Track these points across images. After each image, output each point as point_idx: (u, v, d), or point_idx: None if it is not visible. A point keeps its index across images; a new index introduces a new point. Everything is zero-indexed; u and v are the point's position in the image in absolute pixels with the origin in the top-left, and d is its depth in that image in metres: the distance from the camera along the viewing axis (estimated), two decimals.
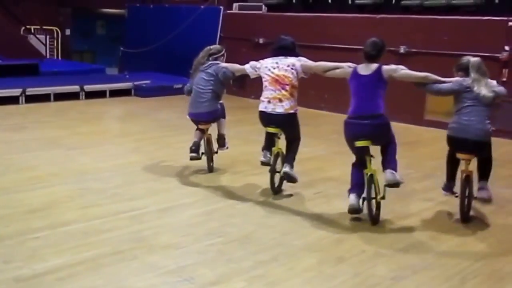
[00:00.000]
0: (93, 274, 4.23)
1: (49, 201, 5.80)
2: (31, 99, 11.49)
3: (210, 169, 7.12)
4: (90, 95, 12.40)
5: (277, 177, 6.35)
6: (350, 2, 12.62)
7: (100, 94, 12.50)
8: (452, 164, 5.83)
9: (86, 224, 5.22)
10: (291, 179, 6.26)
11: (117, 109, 11.91)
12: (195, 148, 6.89)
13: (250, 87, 13.20)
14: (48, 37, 17.38)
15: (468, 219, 5.67)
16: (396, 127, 6.80)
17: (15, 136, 8.60)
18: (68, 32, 18.33)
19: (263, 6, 13.90)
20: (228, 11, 14.22)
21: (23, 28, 16.83)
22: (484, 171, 5.68)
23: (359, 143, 5.66)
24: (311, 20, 12.58)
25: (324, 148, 8.73)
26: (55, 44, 17.72)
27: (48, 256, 4.51)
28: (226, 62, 7.70)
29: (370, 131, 5.66)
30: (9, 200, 5.77)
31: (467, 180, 5.57)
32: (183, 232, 5.14)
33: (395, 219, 5.75)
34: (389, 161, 5.66)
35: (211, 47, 7.43)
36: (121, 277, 4.22)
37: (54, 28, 17.49)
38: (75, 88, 12.30)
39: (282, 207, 5.96)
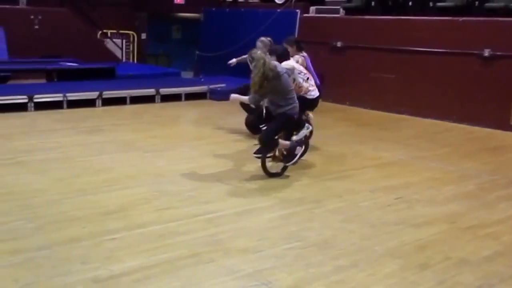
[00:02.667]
0: (170, 277, 4.16)
1: (125, 203, 5.79)
2: (107, 102, 11.70)
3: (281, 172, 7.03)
4: (166, 98, 12.50)
5: None
6: (431, 4, 12.26)
7: (176, 98, 12.60)
8: None
9: (162, 227, 5.17)
10: None
11: (192, 112, 11.96)
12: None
13: (346, 92, 13.09)
14: (124, 41, 17.74)
15: None
16: (480, 132, 6.75)
17: (92, 138, 8.72)
18: (144, 36, 18.66)
19: (341, 9, 13.65)
20: (305, 15, 14.06)
21: (100, 32, 17.25)
22: None
23: None
24: (391, 23, 12.27)
25: (404, 153, 8.44)
26: (131, 48, 18.08)
27: (125, 257, 4.47)
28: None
29: None
30: (86, 201, 5.80)
31: None
32: (260, 236, 5.01)
33: (480, 226, 5.49)
34: None
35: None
36: (198, 280, 4.13)
37: (130, 32, 17.84)
38: (150, 91, 12.43)
39: (361, 212, 5.75)
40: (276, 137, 6.72)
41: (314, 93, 7.83)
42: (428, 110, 11.46)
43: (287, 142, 6.84)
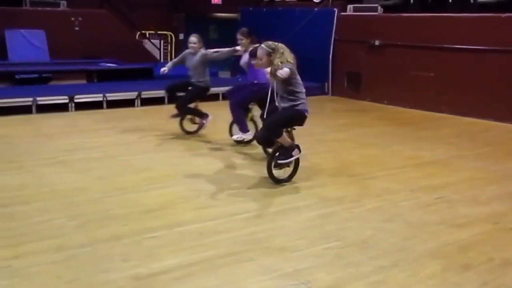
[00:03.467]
0: (209, 275, 4.18)
1: (165, 201, 5.84)
2: (146, 101, 11.83)
3: None
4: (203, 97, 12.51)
5: None
6: (472, 1, 12.02)
7: (213, 97, 12.61)
8: None
9: (201, 225, 5.20)
10: None
11: (229, 112, 11.93)
12: None
13: (384, 91, 12.99)
14: (162, 41, 17.91)
15: None
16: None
17: (131, 138, 8.83)
18: (181, 36, 18.78)
19: (379, 7, 13.52)
20: (343, 13, 13.96)
21: (139, 33, 17.44)
22: None
23: None
24: (430, 21, 12.08)
25: (444, 152, 8.31)
26: (169, 48, 18.23)
27: (165, 255, 4.51)
28: (341, 63, 7.81)
29: None
30: (126, 200, 5.87)
31: None
32: (298, 235, 4.99)
33: None
34: None
35: None
36: (237, 279, 4.14)
37: (168, 32, 18.00)
38: None
39: (401, 212, 5.68)
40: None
41: None
42: (468, 109, 11.27)
43: (289, 140, 6.50)
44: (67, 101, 11.06)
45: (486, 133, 10.16)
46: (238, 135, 8.22)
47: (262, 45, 6.43)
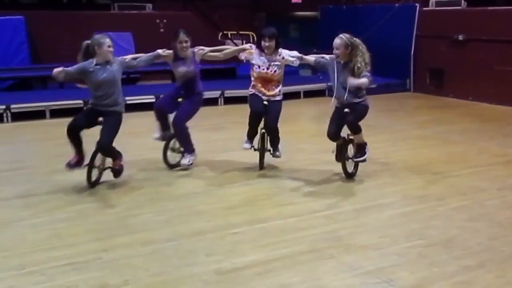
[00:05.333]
0: (290, 271, 4.23)
1: (248, 198, 5.95)
2: (229, 100, 12.02)
3: None
4: (285, 96, 12.43)
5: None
6: None
7: (295, 95, 12.69)
8: None
9: (283, 222, 5.25)
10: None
11: (311, 110, 11.99)
12: None
13: (468, 87, 12.65)
14: (244, 41, 18.08)
15: None
16: None
17: (215, 135, 9.01)
18: None
19: (462, 1, 13.12)
20: (425, 8, 13.66)
21: (221, 33, 17.70)
22: None
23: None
24: None
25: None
26: None
27: (247, 251, 4.59)
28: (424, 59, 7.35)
29: None
30: (210, 196, 6.02)
31: None
32: (381, 233, 4.95)
33: None
34: None
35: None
36: (318, 275, 4.16)
37: (249, 32, 18.16)
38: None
39: (487, 211, 5.52)
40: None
41: None
42: None
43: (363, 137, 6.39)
44: (153, 100, 11.38)
45: None
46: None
47: (342, 35, 6.36)
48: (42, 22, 14.35)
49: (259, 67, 6.85)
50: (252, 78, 6.96)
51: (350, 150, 6.58)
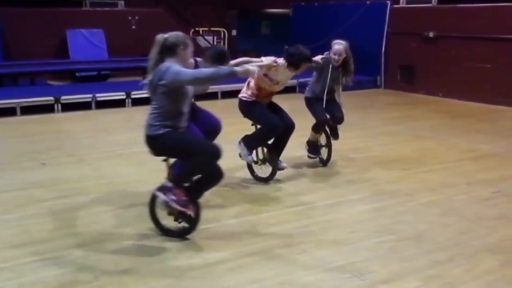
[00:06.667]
0: (262, 266, 4.23)
1: (218, 194, 5.90)
2: (200, 97, 11.91)
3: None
4: None
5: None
6: None
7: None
8: None
9: (255, 217, 5.25)
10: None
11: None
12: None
13: (438, 84, 12.77)
14: (215, 38, 18.05)
15: None
16: None
17: None
18: (234, 32, 18.91)
19: None
20: (395, 6, 13.77)
21: (192, 30, 17.62)
22: None
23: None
24: (486, 11, 11.77)
25: (503, 145, 8.11)
26: (222, 45, 18.36)
27: (219, 246, 4.58)
28: (394, 56, 7.38)
29: None
30: None
31: None
32: (352, 228, 4.98)
33: None
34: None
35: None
36: (290, 270, 4.16)
37: (221, 29, 18.12)
38: (241, 86, 12.54)
39: (457, 206, 5.58)
40: None
41: None
42: None
43: None
44: (124, 97, 11.31)
45: None
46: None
47: (341, 42, 6.62)
48: (13, 18, 14.18)
49: (277, 83, 6.24)
50: (255, 86, 6.29)
51: (323, 138, 6.87)
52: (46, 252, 4.43)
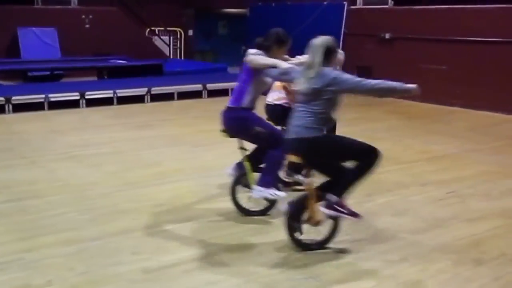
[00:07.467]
0: (218, 268, 4.20)
1: (175, 196, 5.86)
2: (155, 98, 11.87)
3: None
4: (213, 93, 12.60)
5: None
6: None
7: (223, 93, 12.64)
8: None
9: (211, 219, 5.21)
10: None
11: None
12: None
13: None
14: (171, 38, 17.94)
15: None
16: None
17: (142, 133, 8.86)
18: (191, 32, 18.83)
19: (389, 0, 13.46)
20: (352, 7, 13.92)
21: (148, 30, 17.49)
22: None
23: (222, 133, 5.23)
24: (444, 13, 12.02)
25: (457, 146, 8.26)
26: (178, 45, 18.26)
27: (174, 249, 4.53)
28: (351, 57, 7.18)
29: (225, 123, 5.20)
30: (136, 194, 5.89)
31: None
32: (307, 229, 4.95)
33: None
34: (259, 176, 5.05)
35: None
36: (246, 272, 4.14)
37: (177, 29, 18.02)
38: (198, 87, 12.56)
39: (412, 207, 5.65)
40: None
41: None
42: (482, 102, 11.18)
43: None
44: (78, 97, 11.11)
45: (499, 126, 10.09)
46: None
47: (341, 51, 6.19)
48: None
49: None
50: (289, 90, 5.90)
51: None
52: None
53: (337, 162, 4.57)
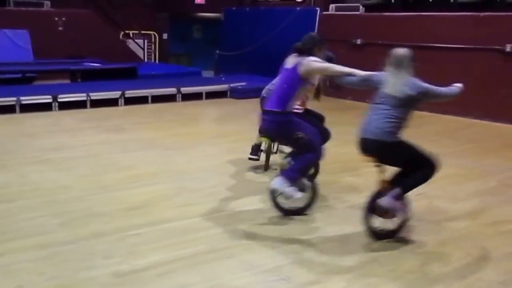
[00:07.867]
0: (190, 271, 4.22)
1: (148, 199, 5.87)
2: (129, 101, 11.84)
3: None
4: (187, 97, 12.61)
5: None
6: (452, 0, 12.19)
7: (197, 96, 12.70)
8: None
9: (183, 222, 5.23)
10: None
11: (213, 111, 12.04)
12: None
13: (347, 88, 13.00)
14: (146, 41, 17.91)
15: None
16: (503, 128, 6.49)
17: (115, 136, 8.84)
18: (165, 36, 18.82)
19: (361, 7, 13.64)
20: (325, 12, 14.07)
21: (122, 33, 17.43)
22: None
23: (262, 138, 5.33)
24: (411, 20, 12.24)
25: (427, 149, 8.35)
26: (153, 48, 18.25)
27: (147, 252, 4.54)
28: None
29: (267, 127, 5.32)
30: (109, 198, 5.89)
31: None
32: (279, 232, 5.04)
33: (503, 222, 5.50)
34: (287, 168, 5.28)
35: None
36: (218, 275, 4.18)
37: (152, 32, 18.00)
38: (172, 90, 12.56)
39: None
40: None
41: None
42: (449, 107, 11.36)
43: None
44: (50, 100, 11.03)
45: (467, 130, 10.30)
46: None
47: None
48: None
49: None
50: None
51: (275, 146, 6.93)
52: None
53: (406, 166, 4.94)
